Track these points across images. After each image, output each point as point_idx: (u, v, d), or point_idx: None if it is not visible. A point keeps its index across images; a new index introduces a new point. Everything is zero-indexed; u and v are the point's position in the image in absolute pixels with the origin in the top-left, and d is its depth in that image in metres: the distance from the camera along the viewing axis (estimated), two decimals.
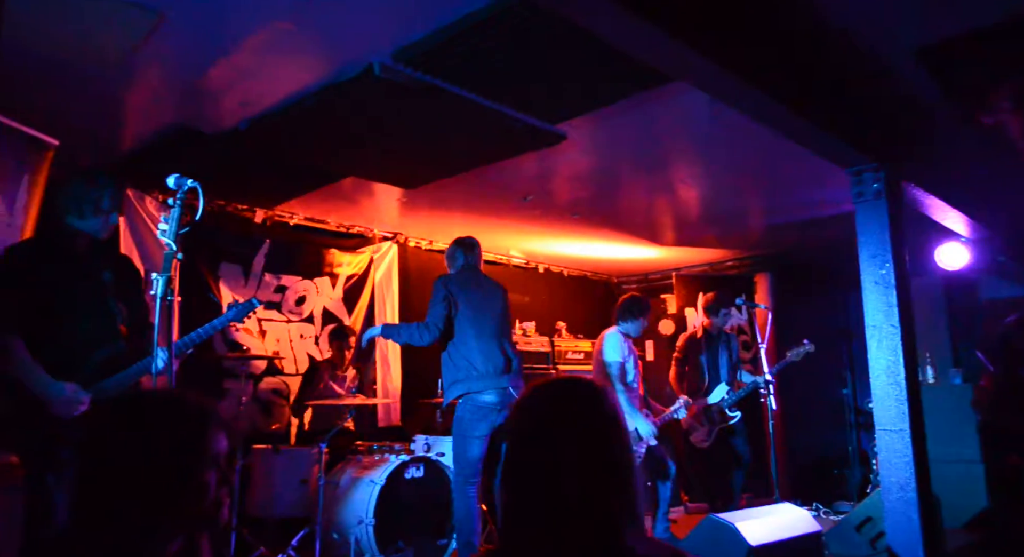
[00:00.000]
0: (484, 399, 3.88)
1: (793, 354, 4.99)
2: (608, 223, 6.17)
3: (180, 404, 1.26)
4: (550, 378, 1.41)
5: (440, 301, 3.99)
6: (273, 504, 4.30)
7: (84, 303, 2.62)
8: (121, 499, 1.15)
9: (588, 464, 1.22)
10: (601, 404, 1.28)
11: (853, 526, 3.80)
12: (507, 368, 4.00)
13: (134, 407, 1.28)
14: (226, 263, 5.45)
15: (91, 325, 2.61)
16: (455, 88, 3.46)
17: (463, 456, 3.89)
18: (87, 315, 2.61)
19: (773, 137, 3.40)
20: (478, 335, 3.97)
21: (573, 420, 1.26)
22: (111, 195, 2.71)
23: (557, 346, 6.98)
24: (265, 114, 3.81)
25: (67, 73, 3.36)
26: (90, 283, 2.65)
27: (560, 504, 1.20)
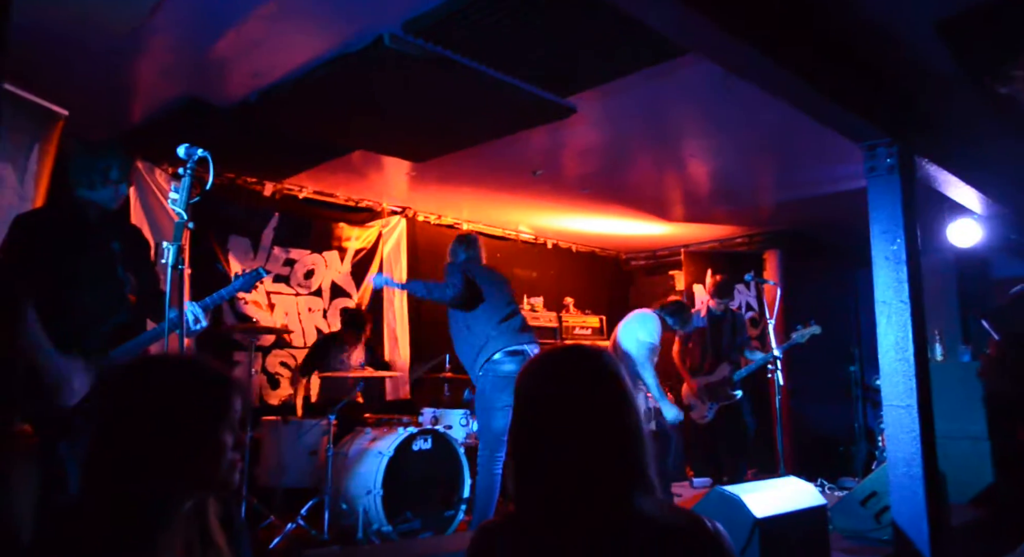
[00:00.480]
0: (505, 369, 3.94)
1: (798, 335, 4.99)
2: (617, 198, 6.14)
3: (199, 366, 1.28)
4: (557, 346, 1.41)
5: (456, 271, 4.09)
6: (282, 474, 4.37)
7: (93, 273, 2.63)
8: (140, 459, 1.17)
9: (593, 430, 1.22)
10: (607, 371, 1.28)
11: (858, 500, 3.82)
12: (522, 328, 4.09)
13: (154, 369, 1.29)
14: (235, 236, 5.47)
15: (100, 295, 2.63)
16: (465, 60, 3.44)
17: (487, 428, 3.95)
18: (96, 285, 2.63)
19: (785, 111, 3.37)
20: (495, 304, 4.08)
21: (579, 386, 1.26)
22: (119, 166, 2.72)
23: (565, 321, 7.00)
24: (275, 86, 3.80)
25: (77, 44, 3.35)
26: (100, 253, 2.66)
27: (565, 470, 1.20)
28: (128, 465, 1.17)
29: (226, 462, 1.23)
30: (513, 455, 1.29)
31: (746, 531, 2.69)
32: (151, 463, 1.17)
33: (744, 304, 7.14)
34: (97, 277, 2.64)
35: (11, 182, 3.13)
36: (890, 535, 3.29)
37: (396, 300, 6.37)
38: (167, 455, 1.18)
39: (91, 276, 2.63)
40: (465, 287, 4.03)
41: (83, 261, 2.62)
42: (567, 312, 7.23)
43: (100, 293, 2.64)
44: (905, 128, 3.44)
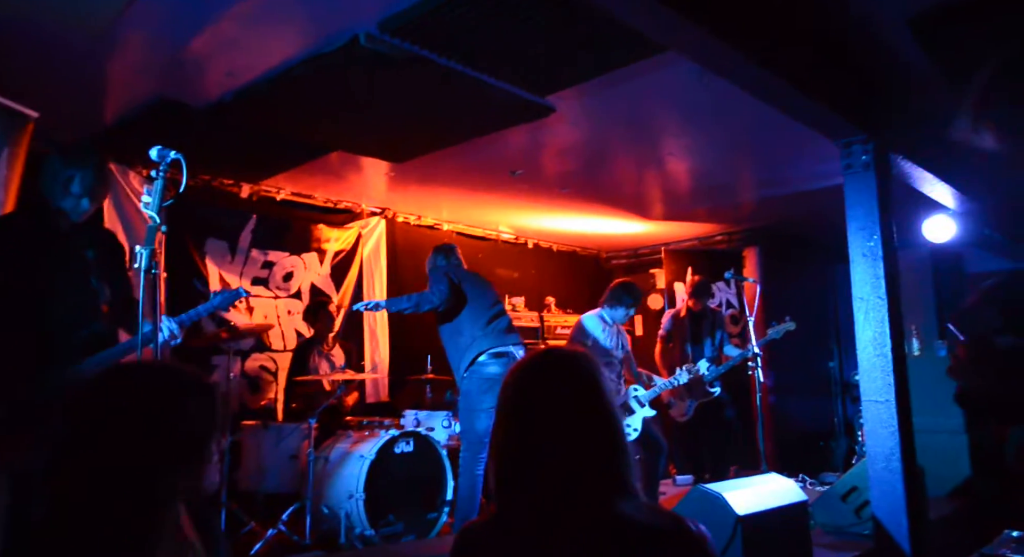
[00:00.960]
0: (489, 371, 3.97)
1: (774, 331, 5.03)
2: (597, 197, 6.15)
3: (181, 374, 1.25)
4: (539, 350, 1.42)
5: (441, 276, 4.12)
6: (263, 479, 4.32)
7: (65, 282, 2.55)
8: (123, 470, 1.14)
9: (574, 433, 1.23)
10: (586, 375, 1.29)
11: (839, 496, 3.85)
12: (507, 329, 4.12)
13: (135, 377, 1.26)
14: (212, 239, 5.41)
15: (72, 305, 2.55)
16: (442, 59, 3.42)
17: (471, 430, 3.97)
18: (68, 294, 2.54)
19: (762, 109, 3.39)
20: (480, 305, 4.12)
21: (558, 391, 1.27)
22: (82, 178, 2.58)
23: (546, 321, 7.01)
24: (250, 86, 3.76)
25: (48, 43, 3.30)
26: (72, 262, 2.58)
27: (547, 473, 1.21)
28: (110, 477, 1.14)
29: (211, 469, 1.21)
30: (496, 458, 1.29)
31: (728, 528, 2.70)
32: (134, 474, 1.14)
33: (724, 302, 7.19)
34: (70, 286, 2.56)
35: None
36: (870, 529, 3.32)
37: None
38: (152, 465, 1.15)
39: (64, 286, 2.54)
40: (451, 291, 4.04)
41: (55, 270, 2.54)
42: (549, 312, 7.24)
43: (73, 303, 2.55)
44: (880, 125, 3.47)
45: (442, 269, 4.22)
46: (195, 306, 2.70)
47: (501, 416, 1.30)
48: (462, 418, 4.06)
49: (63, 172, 2.57)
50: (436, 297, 4.01)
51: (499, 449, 1.29)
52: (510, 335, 4.11)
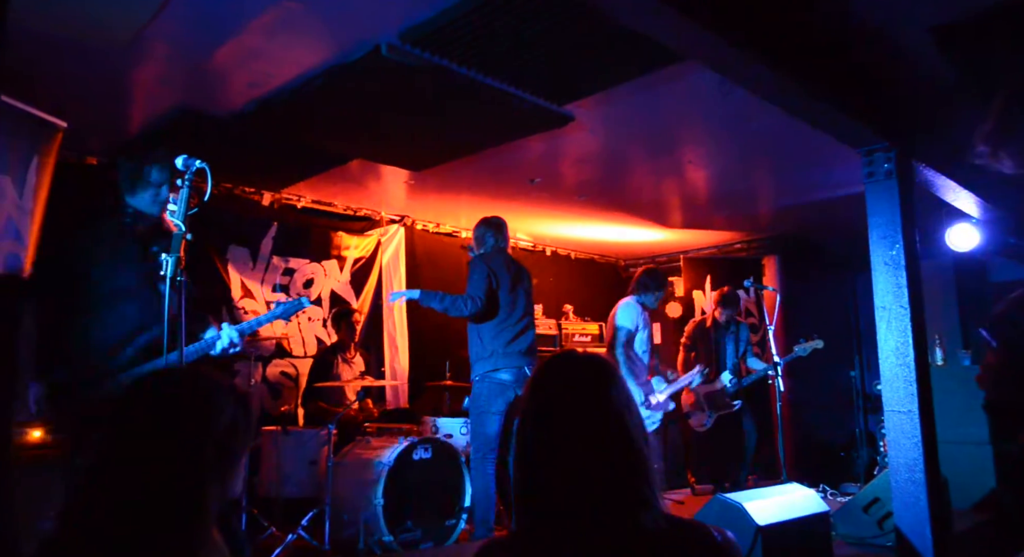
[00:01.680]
0: (501, 377, 4.03)
1: (801, 348, 5.00)
2: (615, 205, 6.14)
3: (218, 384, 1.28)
4: (562, 352, 1.40)
5: (483, 277, 4.10)
6: (283, 485, 4.35)
7: (133, 285, 2.58)
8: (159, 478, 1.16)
9: (593, 443, 1.21)
10: (611, 380, 1.28)
11: (860, 506, 3.81)
12: (528, 350, 4.14)
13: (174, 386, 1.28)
14: (234, 246, 5.47)
15: (138, 308, 2.57)
16: (462, 69, 3.44)
17: (480, 432, 4.00)
18: (135, 298, 2.58)
19: (783, 117, 3.38)
20: (509, 316, 4.12)
21: (583, 396, 1.25)
22: (160, 168, 2.66)
23: (564, 329, 6.99)
24: (272, 95, 3.81)
25: (75, 55, 3.36)
26: (141, 266, 2.61)
27: (567, 485, 1.19)
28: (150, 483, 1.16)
29: (241, 475, 1.23)
30: (517, 468, 1.27)
31: (748, 539, 2.68)
32: (174, 480, 1.16)
33: (744, 310, 7.14)
34: (138, 290, 2.58)
35: (11, 195, 3.12)
36: (893, 541, 3.27)
37: (396, 308, 6.36)
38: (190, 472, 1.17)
39: (132, 289, 2.58)
40: (484, 302, 4.05)
41: (125, 273, 2.58)
42: (566, 319, 7.22)
43: (139, 306, 2.58)
44: (903, 133, 3.45)
45: (486, 265, 4.14)
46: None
47: (522, 425, 1.29)
48: (472, 420, 4.11)
49: (140, 165, 2.64)
50: (468, 308, 4.03)
51: (520, 459, 1.28)
52: (528, 356, 4.13)
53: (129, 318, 2.55)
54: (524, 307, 4.23)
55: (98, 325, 2.53)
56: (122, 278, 2.56)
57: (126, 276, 2.57)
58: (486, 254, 4.28)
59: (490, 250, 4.30)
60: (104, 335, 2.52)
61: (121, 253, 2.59)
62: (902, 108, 3.59)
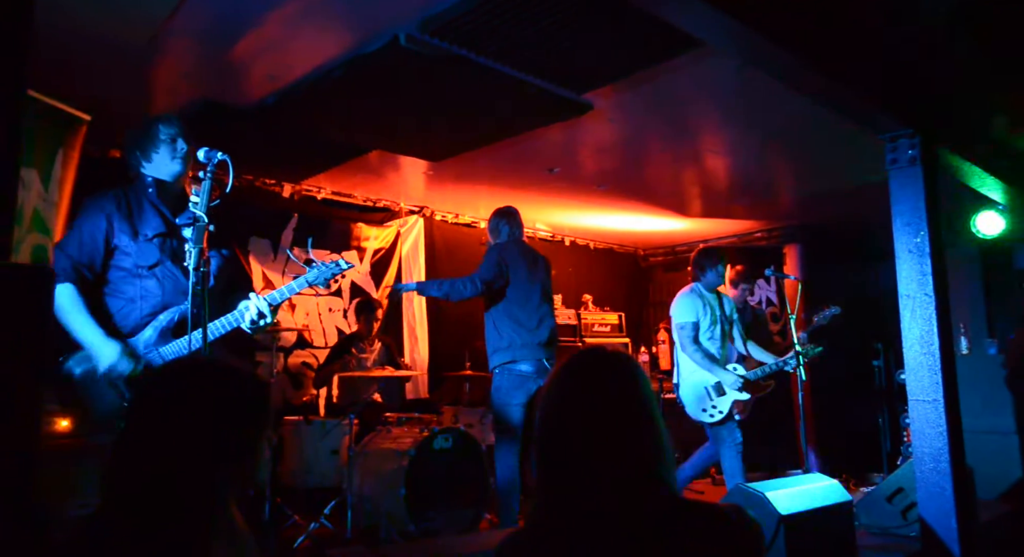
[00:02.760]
0: (521, 368, 4.01)
1: (820, 317, 4.88)
2: (635, 194, 6.12)
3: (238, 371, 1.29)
4: (589, 348, 1.42)
5: (494, 264, 4.07)
6: (305, 474, 4.39)
7: (158, 259, 2.48)
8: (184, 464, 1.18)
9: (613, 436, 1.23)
10: (639, 377, 1.29)
11: (884, 497, 3.77)
12: (548, 341, 4.11)
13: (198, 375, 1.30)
14: (255, 237, 5.52)
15: (161, 284, 2.47)
16: (481, 58, 3.43)
17: (503, 423, 4.02)
18: (162, 273, 2.47)
19: (804, 104, 3.34)
20: (524, 306, 4.09)
21: (612, 393, 1.27)
22: (166, 123, 2.53)
23: (584, 319, 6.98)
24: (292, 87, 3.82)
25: (98, 50, 3.40)
26: (168, 239, 2.51)
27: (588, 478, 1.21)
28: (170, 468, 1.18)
29: (262, 463, 1.25)
30: (538, 461, 1.29)
31: (771, 528, 2.67)
32: (193, 466, 1.18)
33: (764, 299, 7.08)
34: (165, 265, 2.48)
35: (37, 187, 3.17)
36: (917, 532, 3.24)
37: (415, 299, 6.39)
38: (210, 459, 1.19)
39: (156, 263, 2.47)
40: (490, 286, 4.02)
41: (144, 248, 2.47)
42: (586, 309, 7.21)
43: (167, 282, 2.47)
44: (927, 119, 3.38)
45: (499, 254, 4.12)
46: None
47: (545, 418, 1.31)
48: (495, 412, 4.12)
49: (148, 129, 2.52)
50: (468, 291, 4.00)
51: (543, 452, 1.29)
52: (547, 348, 4.10)
53: (152, 295, 2.46)
54: (542, 297, 4.19)
55: (118, 303, 2.45)
56: (146, 253, 2.46)
57: (150, 251, 2.47)
58: (501, 243, 4.26)
59: (505, 240, 4.28)
60: (125, 313, 2.45)
61: (142, 225, 2.48)
62: (926, 93, 3.53)
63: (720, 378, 4.45)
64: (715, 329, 4.60)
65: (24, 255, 3.10)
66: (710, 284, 4.66)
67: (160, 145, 2.52)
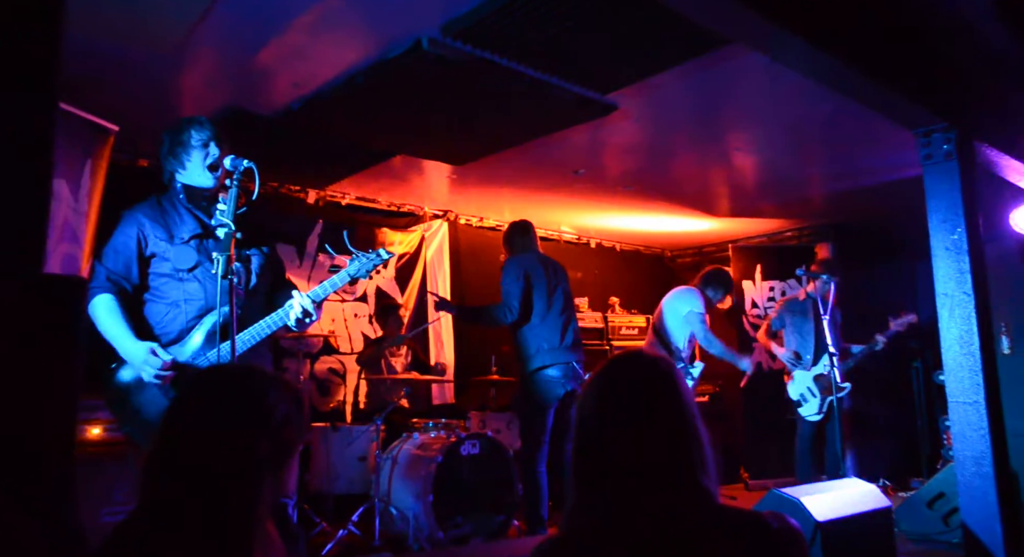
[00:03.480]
0: (550, 374, 4.03)
1: (898, 324, 4.88)
2: (661, 195, 6.08)
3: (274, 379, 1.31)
4: (624, 352, 1.42)
5: (515, 280, 4.11)
6: (333, 481, 4.43)
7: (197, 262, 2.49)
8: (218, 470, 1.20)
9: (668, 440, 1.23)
10: (679, 380, 1.30)
11: (924, 502, 3.70)
12: (574, 344, 4.14)
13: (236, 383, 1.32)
14: (280, 244, 5.57)
15: (203, 287, 2.48)
16: (504, 60, 3.44)
17: (530, 430, 4.02)
18: (202, 275, 2.49)
19: (834, 99, 3.30)
20: (547, 313, 4.13)
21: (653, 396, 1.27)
22: (198, 127, 2.51)
23: (611, 322, 6.95)
24: (316, 94, 3.87)
25: (124, 61, 3.47)
26: (205, 242, 2.52)
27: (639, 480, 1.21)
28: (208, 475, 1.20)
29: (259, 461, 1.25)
30: (578, 465, 1.29)
31: (807, 536, 2.63)
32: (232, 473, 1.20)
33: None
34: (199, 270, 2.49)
35: (66, 198, 3.24)
36: (960, 538, 3.18)
37: None
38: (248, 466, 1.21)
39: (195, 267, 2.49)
40: (524, 302, 4.07)
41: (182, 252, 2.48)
42: (613, 312, 7.18)
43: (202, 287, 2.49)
44: (962, 112, 3.32)
45: (518, 270, 4.15)
46: None
47: (579, 425, 1.31)
48: (521, 419, 4.14)
49: (178, 133, 2.52)
50: (506, 319, 4.06)
51: (577, 459, 1.29)
52: (574, 351, 4.14)
53: (195, 298, 2.48)
54: (564, 302, 4.24)
55: (163, 309, 2.48)
56: (183, 257, 2.48)
57: (187, 254, 2.49)
58: (518, 256, 4.30)
59: (519, 252, 4.32)
60: (171, 318, 2.47)
61: (178, 229, 2.51)
62: (961, 85, 3.46)
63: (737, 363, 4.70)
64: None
65: (55, 265, 3.17)
66: (711, 297, 4.84)
67: (191, 151, 2.51)
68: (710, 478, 1.22)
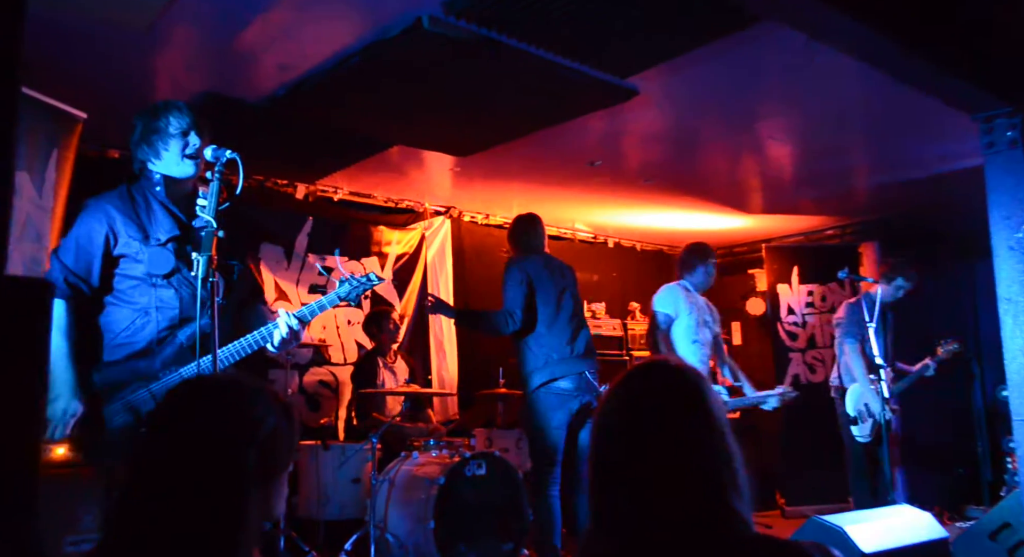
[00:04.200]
0: (561, 386, 4.01)
1: (945, 350, 4.86)
2: (686, 189, 6.07)
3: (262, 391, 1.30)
4: (653, 360, 1.42)
5: (517, 285, 4.10)
6: (323, 505, 4.42)
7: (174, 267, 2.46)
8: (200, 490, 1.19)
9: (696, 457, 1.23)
10: (708, 391, 1.29)
11: (986, 533, 3.65)
12: (586, 352, 4.13)
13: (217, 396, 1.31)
14: (266, 244, 5.59)
15: (183, 293, 2.45)
16: (512, 41, 3.44)
17: (540, 449, 4.00)
18: (178, 282, 2.46)
19: (881, 81, 3.26)
20: (555, 320, 4.11)
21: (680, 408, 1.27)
22: (177, 114, 2.47)
23: (631, 330, 6.92)
24: (305, 78, 3.86)
25: (94, 41, 3.47)
26: (183, 245, 2.48)
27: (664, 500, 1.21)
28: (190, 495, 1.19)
29: (248, 478, 1.24)
30: (596, 485, 1.29)
31: None
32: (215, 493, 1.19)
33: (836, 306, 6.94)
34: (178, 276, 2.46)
35: (28, 192, 3.24)
36: None
37: None
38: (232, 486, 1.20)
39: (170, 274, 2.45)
40: (526, 310, 4.06)
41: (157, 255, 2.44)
42: (633, 319, 7.16)
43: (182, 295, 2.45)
44: None
45: (520, 273, 4.13)
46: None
47: (597, 441, 1.31)
48: (531, 437, 4.11)
49: (154, 119, 2.48)
50: (507, 328, 4.06)
51: (595, 479, 1.29)
52: (586, 359, 4.12)
53: (169, 306, 2.43)
54: (572, 307, 4.22)
55: (128, 315, 2.42)
56: (159, 261, 2.43)
57: (164, 257, 2.44)
58: (519, 257, 4.29)
59: (525, 250, 4.32)
60: (139, 326, 2.42)
61: (154, 228, 2.45)
62: None
63: None
64: (700, 332, 4.52)
65: (16, 266, 3.17)
66: (699, 285, 4.65)
67: (169, 140, 2.47)
68: (743, 501, 1.22)
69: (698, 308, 4.59)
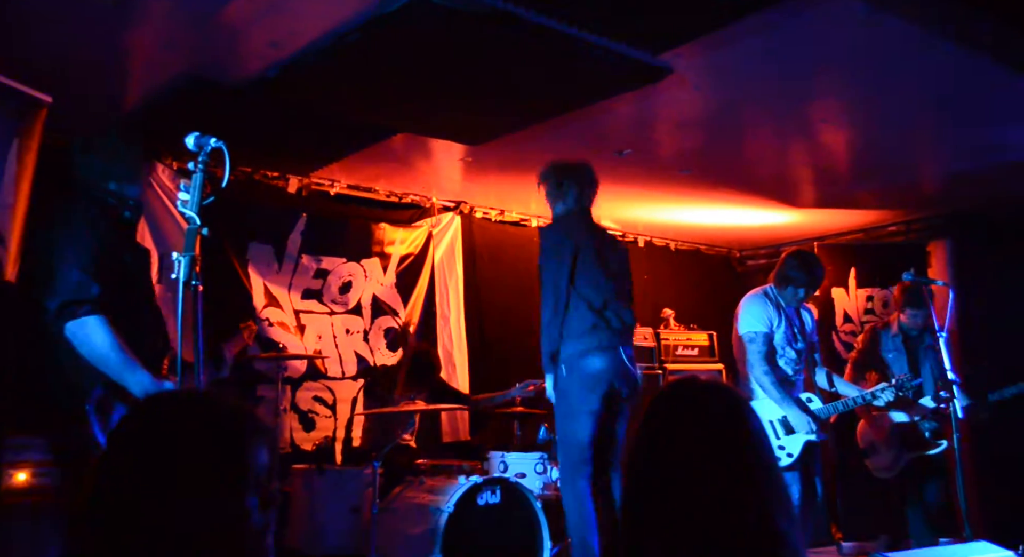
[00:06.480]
0: (591, 363, 3.91)
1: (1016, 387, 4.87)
2: (727, 180, 6.07)
3: (213, 408, 1.27)
4: (684, 379, 1.45)
5: (568, 257, 3.96)
6: (318, 536, 4.42)
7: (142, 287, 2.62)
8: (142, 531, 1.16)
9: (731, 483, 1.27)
10: (747, 411, 1.34)
11: None
12: (625, 328, 4.06)
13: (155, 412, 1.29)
14: (255, 243, 5.60)
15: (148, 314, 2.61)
16: (529, 13, 3.43)
17: (570, 439, 3.95)
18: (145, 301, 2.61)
19: (955, 54, 3.23)
20: (594, 287, 3.98)
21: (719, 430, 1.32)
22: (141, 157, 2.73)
23: (664, 339, 6.90)
24: (298, 57, 3.87)
25: (59, 16, 3.48)
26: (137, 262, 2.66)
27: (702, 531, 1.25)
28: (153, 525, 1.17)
29: (251, 531, 1.22)
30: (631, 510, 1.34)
31: None
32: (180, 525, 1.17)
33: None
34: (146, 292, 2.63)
35: None
36: None
37: (452, 317, 6.40)
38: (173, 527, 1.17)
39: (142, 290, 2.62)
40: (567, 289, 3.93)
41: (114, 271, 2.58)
42: (666, 327, 7.13)
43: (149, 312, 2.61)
44: None
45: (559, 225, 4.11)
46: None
47: (631, 466, 1.36)
48: (559, 424, 4.06)
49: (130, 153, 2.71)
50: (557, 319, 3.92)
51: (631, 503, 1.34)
52: (625, 337, 4.07)
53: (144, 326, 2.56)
54: (618, 280, 4.14)
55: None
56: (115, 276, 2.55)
57: (119, 273, 2.56)
58: (563, 217, 4.19)
59: (568, 210, 4.20)
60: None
61: (112, 245, 2.59)
62: None
63: (787, 413, 4.35)
64: (789, 348, 4.51)
65: None
66: (784, 298, 4.59)
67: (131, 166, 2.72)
68: (792, 526, 1.27)
69: (787, 318, 4.54)
